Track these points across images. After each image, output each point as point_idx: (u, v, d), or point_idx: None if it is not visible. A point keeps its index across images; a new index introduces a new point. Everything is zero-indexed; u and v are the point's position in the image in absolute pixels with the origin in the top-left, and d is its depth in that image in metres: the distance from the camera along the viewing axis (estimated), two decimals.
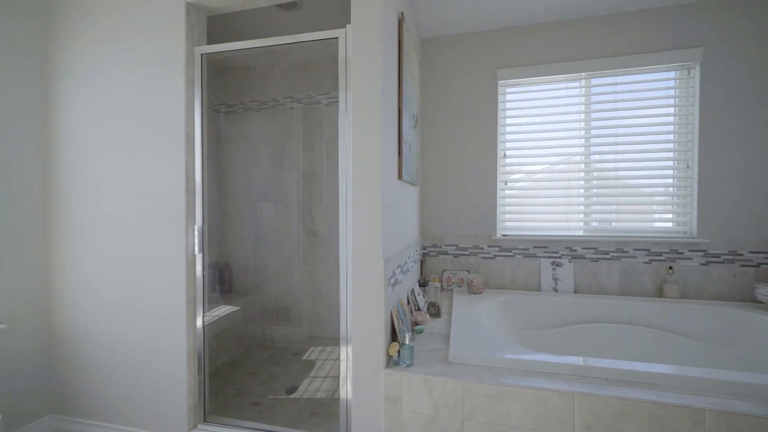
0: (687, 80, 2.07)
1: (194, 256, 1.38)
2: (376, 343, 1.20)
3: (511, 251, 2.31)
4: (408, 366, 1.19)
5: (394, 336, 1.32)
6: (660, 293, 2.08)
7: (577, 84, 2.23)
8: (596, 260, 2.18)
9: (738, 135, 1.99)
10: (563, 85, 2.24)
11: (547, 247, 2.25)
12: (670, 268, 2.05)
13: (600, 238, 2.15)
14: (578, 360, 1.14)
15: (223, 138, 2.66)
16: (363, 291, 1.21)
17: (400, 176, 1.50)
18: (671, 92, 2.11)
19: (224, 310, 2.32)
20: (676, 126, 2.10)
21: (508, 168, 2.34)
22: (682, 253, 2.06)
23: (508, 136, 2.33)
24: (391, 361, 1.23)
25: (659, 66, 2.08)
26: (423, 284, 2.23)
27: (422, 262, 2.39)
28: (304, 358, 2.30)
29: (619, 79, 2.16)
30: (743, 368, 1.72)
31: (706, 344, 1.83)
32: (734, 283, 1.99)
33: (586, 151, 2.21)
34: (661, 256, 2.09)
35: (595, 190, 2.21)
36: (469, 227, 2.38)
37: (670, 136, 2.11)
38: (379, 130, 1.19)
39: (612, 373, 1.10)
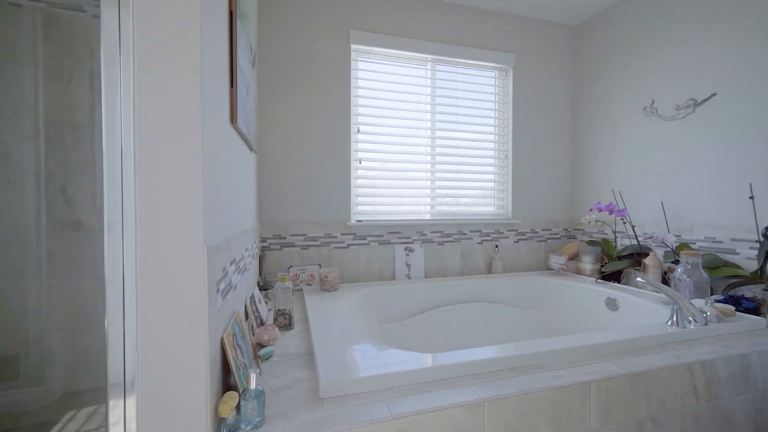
0: (504, 80, 2.38)
1: None
2: (192, 400, 0.65)
3: (365, 239, 2.08)
4: (256, 428, 0.70)
5: (227, 376, 0.79)
6: (489, 269, 2.32)
7: (423, 68, 2.21)
8: (442, 243, 2.23)
9: (536, 132, 2.42)
10: (413, 64, 2.18)
11: (400, 233, 2.14)
12: (496, 246, 2.32)
13: (445, 221, 2.21)
14: (475, 355, 0.96)
15: None
16: (162, 306, 0.63)
17: (233, 120, 0.96)
18: (493, 89, 2.38)
19: None
20: (497, 120, 2.38)
21: (361, 146, 2.10)
22: (503, 232, 2.36)
23: (360, 110, 2.09)
24: (225, 427, 0.70)
25: (485, 64, 2.30)
26: (264, 287, 1.70)
27: (261, 259, 1.84)
28: None
29: (459, 70, 2.27)
30: (549, 327, 2.08)
31: (523, 310, 2.12)
32: (535, 256, 2.43)
33: (432, 135, 2.23)
34: (489, 236, 2.33)
35: (439, 174, 2.25)
36: (321, 212, 2.00)
37: (493, 129, 2.38)
38: (197, 34, 0.64)
39: (505, 362, 0.96)
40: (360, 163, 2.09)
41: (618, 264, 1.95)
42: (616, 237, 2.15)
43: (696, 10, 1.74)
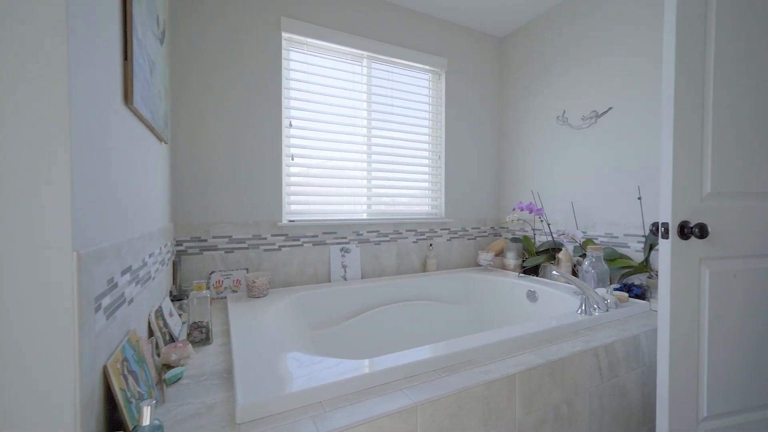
0: (437, 83, 2.45)
1: None
2: None
3: (299, 239, 1.96)
4: None
5: (114, 412, 0.65)
6: (424, 268, 2.37)
7: (359, 64, 2.17)
8: (378, 243, 2.21)
9: (466, 134, 2.54)
10: (348, 60, 2.13)
11: (336, 233, 2.07)
12: (430, 245, 2.37)
13: (381, 221, 2.19)
14: (407, 357, 0.93)
15: None
16: (2, 333, 0.48)
17: (128, 101, 0.80)
18: (427, 91, 2.43)
19: None
20: (431, 122, 2.44)
21: (294, 141, 1.98)
22: (437, 231, 2.43)
23: (293, 102, 1.97)
24: None
25: (419, 66, 2.34)
26: (178, 297, 1.50)
27: (175, 265, 1.62)
28: None
29: (395, 69, 2.28)
30: (479, 321, 2.19)
31: (455, 306, 2.20)
32: (465, 253, 2.55)
33: (369, 133, 2.20)
34: (424, 235, 2.38)
35: (375, 173, 2.23)
36: (248, 212, 1.84)
37: (427, 130, 2.43)
38: None
39: (437, 362, 0.96)
40: (292, 159, 1.97)
41: (536, 259, 2.13)
42: (534, 234, 2.35)
43: (598, 34, 1.97)
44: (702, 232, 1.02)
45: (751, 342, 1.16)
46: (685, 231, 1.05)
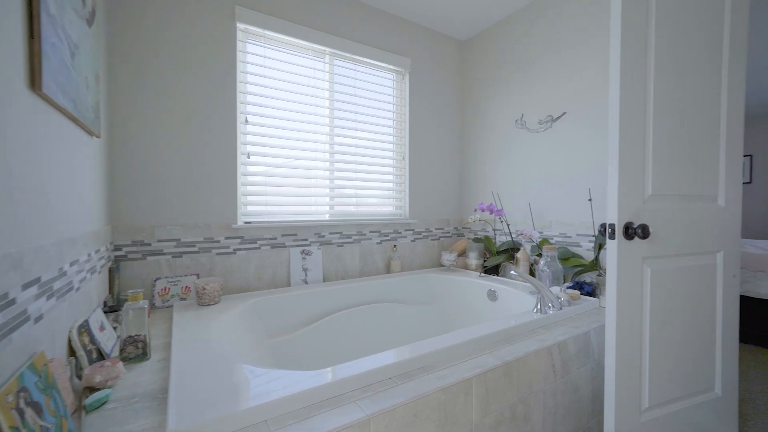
0: (401, 83, 2.44)
1: None
2: None
3: (256, 242, 1.86)
4: None
5: None
6: (388, 269, 2.35)
7: (321, 61, 2.10)
8: (341, 244, 2.15)
9: (429, 135, 2.55)
10: (310, 56, 2.05)
11: (296, 234, 1.99)
12: (395, 246, 2.35)
13: (344, 222, 2.14)
14: (362, 366, 0.90)
15: None
16: None
17: (36, 86, 0.69)
18: (391, 91, 2.41)
19: None
20: (395, 122, 2.42)
21: (250, 138, 1.87)
22: (401, 232, 2.42)
23: (249, 98, 1.86)
24: None
25: (383, 65, 2.31)
26: (115, 308, 1.36)
27: (112, 272, 1.47)
28: None
29: (358, 68, 2.23)
30: (443, 321, 2.19)
31: (419, 307, 2.19)
32: (429, 254, 2.56)
33: (331, 131, 2.13)
34: (388, 236, 2.35)
35: (338, 173, 2.17)
36: (199, 213, 1.71)
37: (391, 131, 2.41)
38: None
39: (394, 368, 0.93)
40: (249, 157, 1.86)
41: (497, 259, 2.18)
42: (495, 234, 2.40)
43: (553, 43, 2.05)
44: (644, 232, 1.07)
45: (686, 335, 1.24)
46: (629, 231, 1.10)
